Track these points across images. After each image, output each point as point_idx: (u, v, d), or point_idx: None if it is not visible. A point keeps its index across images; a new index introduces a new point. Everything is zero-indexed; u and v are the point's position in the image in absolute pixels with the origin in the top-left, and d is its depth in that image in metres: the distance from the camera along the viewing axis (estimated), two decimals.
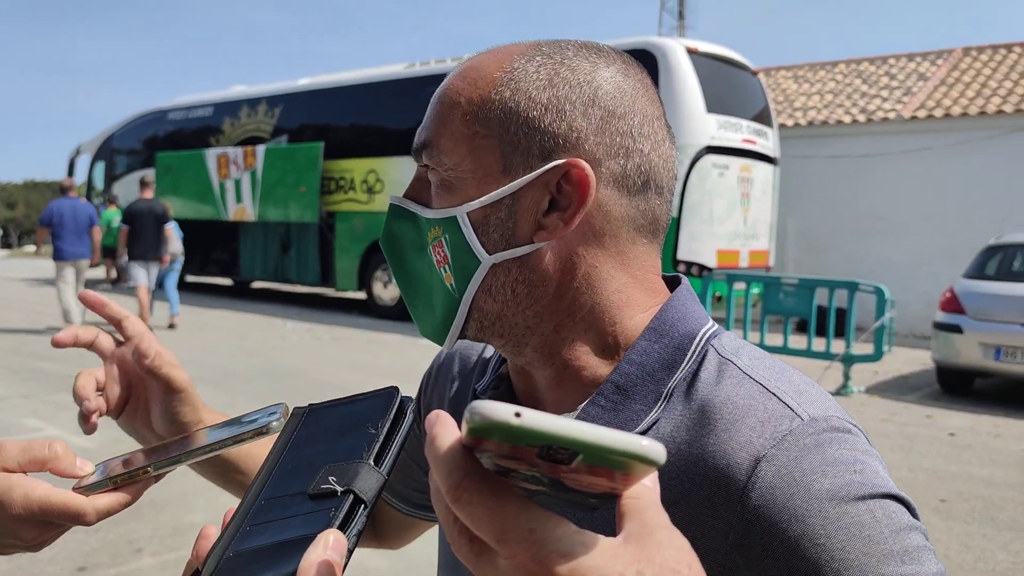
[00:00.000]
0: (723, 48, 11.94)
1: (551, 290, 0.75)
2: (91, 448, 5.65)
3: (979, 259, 9.27)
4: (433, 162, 0.76)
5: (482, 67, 0.75)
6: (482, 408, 0.37)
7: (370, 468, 0.54)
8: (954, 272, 11.28)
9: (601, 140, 0.73)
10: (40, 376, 8.19)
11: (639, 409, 0.73)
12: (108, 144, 19.37)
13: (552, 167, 0.71)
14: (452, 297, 0.77)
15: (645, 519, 0.42)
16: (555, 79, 0.73)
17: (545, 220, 0.73)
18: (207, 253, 17.11)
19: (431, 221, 0.77)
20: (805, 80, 18.26)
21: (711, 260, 11.19)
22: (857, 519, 0.62)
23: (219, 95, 17.13)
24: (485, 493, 0.41)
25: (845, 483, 0.64)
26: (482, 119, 0.73)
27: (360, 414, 0.59)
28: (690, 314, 0.78)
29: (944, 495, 5.38)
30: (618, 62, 0.77)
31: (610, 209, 0.74)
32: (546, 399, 0.80)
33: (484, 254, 0.74)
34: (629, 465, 0.40)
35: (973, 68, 16.31)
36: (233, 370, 8.72)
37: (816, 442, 0.66)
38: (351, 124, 14.42)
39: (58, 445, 0.70)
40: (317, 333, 11.85)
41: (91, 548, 4.10)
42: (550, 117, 0.72)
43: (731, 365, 0.73)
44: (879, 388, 9.20)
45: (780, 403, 0.69)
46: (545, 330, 0.76)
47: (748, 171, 11.71)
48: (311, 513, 0.53)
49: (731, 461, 0.66)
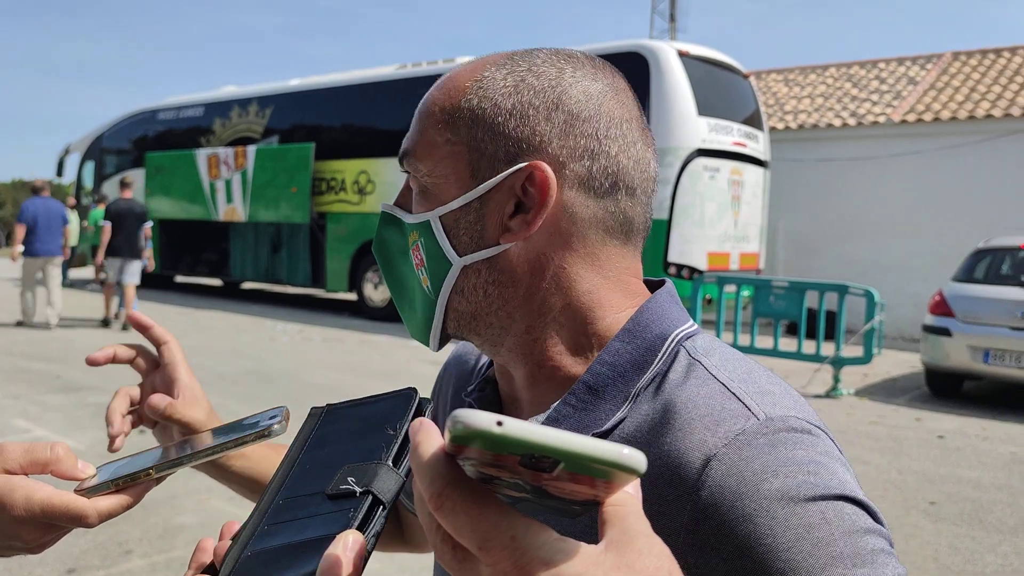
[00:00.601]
0: (714, 51, 11.98)
1: (521, 291, 0.76)
2: (80, 449, 5.62)
3: (968, 262, 9.32)
4: (412, 169, 0.79)
5: (456, 78, 0.79)
6: (464, 417, 0.38)
7: (388, 469, 0.54)
8: (943, 275, 11.34)
9: (565, 143, 0.74)
10: (29, 376, 8.15)
11: (608, 408, 0.74)
12: (98, 144, 19.29)
13: (515, 170, 0.74)
14: (429, 299, 0.80)
15: (626, 526, 0.42)
16: (520, 85, 0.75)
17: (510, 222, 0.75)
18: (197, 253, 17.06)
19: (410, 226, 0.80)
20: (796, 83, 18.32)
21: (702, 262, 11.21)
22: (806, 520, 0.61)
23: (210, 95, 17.08)
24: (467, 501, 0.41)
25: (796, 484, 0.63)
26: (452, 126, 0.76)
27: (378, 415, 0.59)
28: (666, 316, 0.79)
29: (933, 497, 5.41)
30: (587, 67, 0.78)
31: (576, 211, 0.75)
32: (524, 399, 0.82)
33: (455, 256, 0.77)
34: (610, 473, 0.40)
35: (962, 72, 16.40)
36: (223, 372, 8.69)
37: (770, 442, 0.66)
38: (342, 125, 14.41)
39: (60, 447, 0.70)
40: (308, 334, 11.82)
41: (80, 550, 4.08)
42: (514, 122, 0.74)
43: (699, 366, 0.74)
44: (868, 391, 9.23)
45: (739, 403, 0.69)
46: (517, 330, 0.78)
47: (739, 174, 11.75)
48: (330, 513, 0.53)
49: (684, 460, 0.67)
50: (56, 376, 8.19)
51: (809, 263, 15.35)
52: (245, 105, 15.91)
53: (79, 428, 6.28)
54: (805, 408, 0.71)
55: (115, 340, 11.20)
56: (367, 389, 5.94)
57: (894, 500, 5.32)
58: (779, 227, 15.36)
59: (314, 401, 1.03)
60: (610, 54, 11.53)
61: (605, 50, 11.65)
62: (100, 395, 7.40)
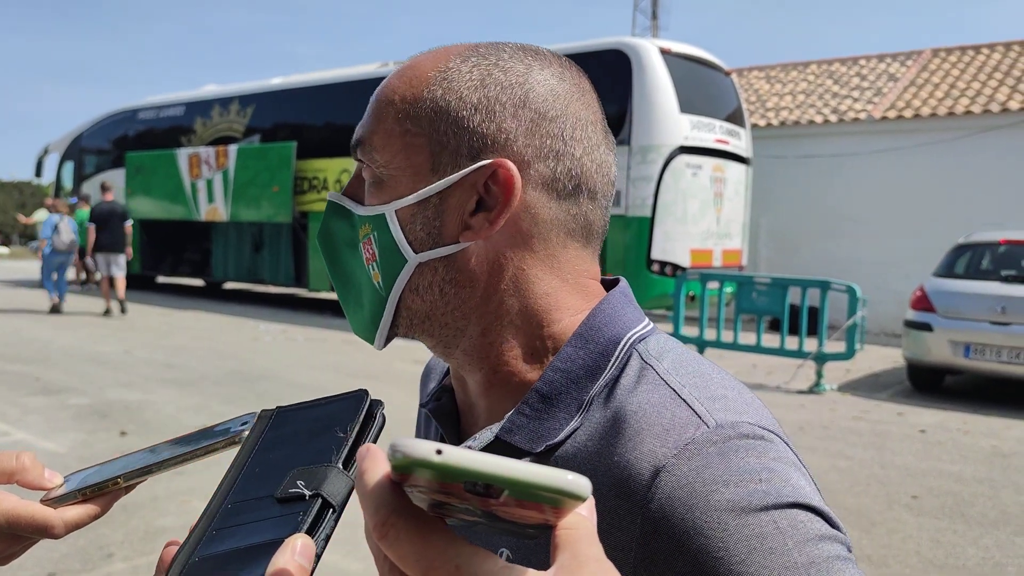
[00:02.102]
0: (696, 49, 12.00)
1: (479, 291, 0.74)
2: (61, 452, 5.57)
3: (948, 258, 9.38)
4: (367, 159, 0.76)
5: (418, 66, 0.76)
6: (403, 446, 0.37)
7: (339, 472, 0.53)
8: (924, 271, 11.42)
9: (530, 142, 0.72)
10: (8, 378, 8.07)
11: (562, 417, 0.72)
12: (77, 144, 19.14)
13: (479, 167, 0.71)
14: (379, 295, 0.77)
15: (577, 551, 0.41)
16: (487, 80, 0.73)
17: (471, 220, 0.72)
18: (179, 254, 16.97)
19: (362, 218, 0.77)
20: (777, 80, 18.40)
21: (685, 260, 11.24)
22: (758, 531, 0.60)
23: (191, 95, 16.98)
24: (411, 530, 0.40)
25: (747, 493, 0.61)
26: (413, 117, 0.74)
27: (329, 417, 0.58)
28: (620, 317, 0.77)
29: (915, 491, 5.44)
30: (554, 65, 0.76)
31: (538, 211, 0.73)
32: (479, 406, 0.80)
33: (411, 252, 0.74)
34: (557, 499, 0.39)
35: (942, 69, 16.51)
36: (205, 372, 8.63)
37: (720, 451, 0.64)
38: (324, 123, 14.35)
39: (26, 456, 0.68)
40: (291, 334, 11.77)
41: (61, 554, 4.04)
42: (479, 117, 0.72)
43: (650, 370, 0.72)
44: (851, 386, 9.28)
45: (688, 410, 0.67)
46: (473, 332, 0.76)
47: (721, 171, 11.78)
48: (279, 517, 0.52)
49: (633, 472, 0.65)
50: (36, 378, 8.11)
51: (791, 259, 15.42)
52: (226, 104, 15.82)
53: (60, 430, 6.22)
54: (759, 412, 0.70)
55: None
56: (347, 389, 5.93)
57: (876, 495, 5.35)
58: (761, 224, 15.42)
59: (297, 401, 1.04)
60: (592, 52, 11.54)
61: (587, 48, 11.65)
62: (81, 397, 7.34)
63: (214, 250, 16.17)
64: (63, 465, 4.96)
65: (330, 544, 0.51)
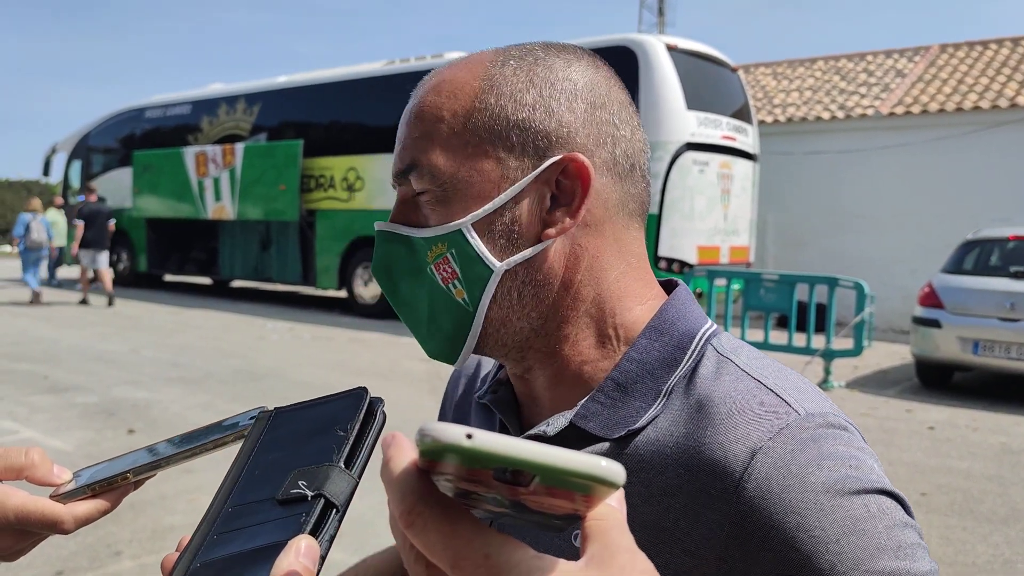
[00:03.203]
0: (703, 45, 11.97)
1: (556, 287, 0.75)
2: (69, 450, 5.58)
3: (957, 254, 9.35)
4: (424, 181, 0.75)
5: (456, 79, 0.76)
6: (432, 430, 0.36)
7: (340, 471, 0.52)
8: (932, 267, 11.37)
9: (590, 131, 0.74)
10: (15, 377, 8.09)
11: (639, 406, 0.74)
12: (84, 143, 19.17)
13: (550, 164, 0.73)
14: (465, 311, 0.76)
15: (608, 542, 0.41)
16: (535, 79, 0.75)
17: (550, 217, 0.74)
18: (186, 252, 17.00)
19: (431, 240, 0.76)
20: (784, 77, 18.35)
21: (692, 256, 11.22)
22: (852, 512, 0.63)
23: (197, 93, 16.98)
24: (439, 518, 0.39)
25: (841, 477, 0.64)
26: (471, 128, 0.74)
27: (328, 416, 0.57)
28: (690, 313, 0.79)
29: (924, 488, 5.42)
30: (586, 57, 0.79)
31: (607, 196, 0.75)
32: (544, 398, 0.81)
33: (495, 262, 0.74)
34: (589, 487, 0.38)
35: (950, 65, 16.44)
36: (212, 370, 8.65)
37: (813, 436, 0.67)
38: (331, 122, 14.35)
39: (35, 452, 0.68)
40: (298, 332, 11.79)
41: (69, 552, 4.05)
42: (539, 115, 0.73)
43: (729, 363, 0.74)
44: (859, 383, 9.26)
45: (778, 399, 0.70)
46: (549, 328, 0.77)
47: (728, 167, 11.75)
48: (281, 519, 0.51)
49: (728, 453, 0.67)
50: (43, 376, 8.13)
51: (798, 256, 15.38)
52: (233, 103, 15.83)
53: (67, 429, 6.23)
54: (835, 405, 0.73)
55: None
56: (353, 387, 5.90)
57: None
58: (769, 220, 15.38)
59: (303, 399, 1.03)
60: (598, 48, 11.51)
61: (593, 44, 11.63)
62: (88, 395, 7.36)
63: (221, 248, 16.19)
64: (71, 463, 4.96)
65: (337, 542, 0.51)
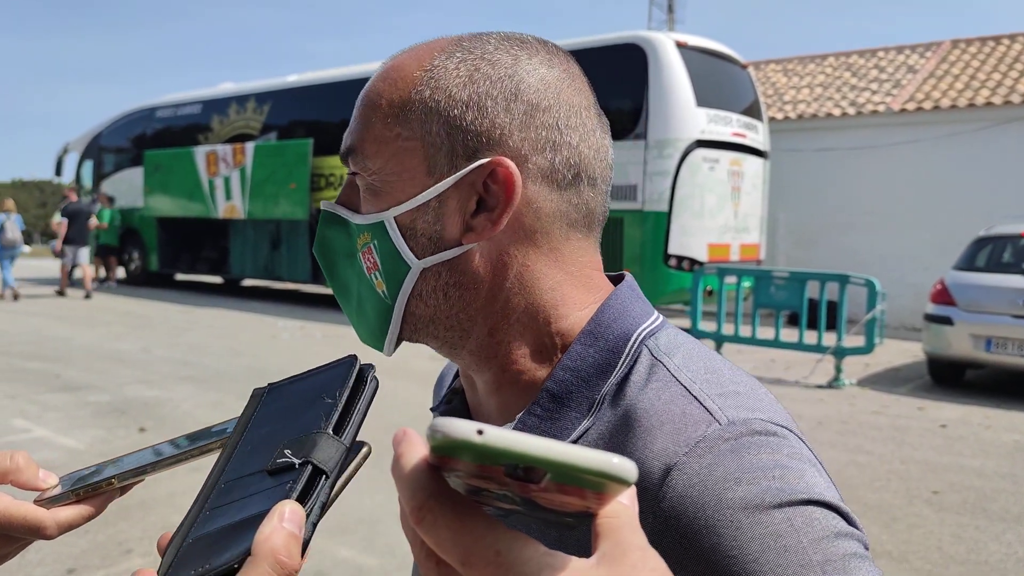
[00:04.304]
0: (712, 42, 11.94)
1: (483, 292, 0.72)
2: (81, 449, 5.61)
3: (969, 251, 9.29)
4: (359, 167, 0.74)
5: (402, 67, 0.74)
6: (443, 426, 0.36)
7: (329, 438, 0.52)
8: (944, 264, 11.32)
9: (526, 135, 0.70)
10: (27, 376, 8.14)
11: (574, 417, 0.71)
12: (96, 142, 19.28)
13: (476, 166, 0.69)
14: (385, 304, 0.75)
15: (619, 539, 0.40)
16: (475, 75, 0.71)
17: (473, 221, 0.70)
18: (197, 251, 17.06)
19: (360, 227, 0.75)
20: (795, 73, 18.28)
21: (702, 254, 11.20)
22: (772, 528, 0.58)
23: (208, 92, 17.06)
24: (449, 514, 0.39)
25: (761, 490, 0.60)
26: (403, 120, 0.71)
27: (319, 386, 0.57)
28: (628, 312, 0.75)
29: (936, 487, 5.39)
30: (542, 53, 0.74)
31: (540, 205, 0.71)
32: (489, 406, 0.78)
33: (413, 259, 0.72)
34: (601, 484, 0.38)
35: (962, 60, 16.35)
36: (223, 370, 8.68)
37: (732, 448, 0.63)
38: (340, 120, 14.37)
39: (20, 456, 0.67)
40: (308, 331, 11.81)
41: (80, 550, 4.07)
42: (472, 115, 0.70)
43: (661, 367, 0.71)
44: (870, 380, 9.21)
45: (700, 407, 0.66)
46: (480, 333, 0.74)
47: (738, 165, 11.72)
48: (269, 489, 0.51)
49: (644, 470, 0.64)
50: (55, 375, 8.18)
51: (809, 253, 15.32)
52: (243, 102, 15.89)
53: (79, 427, 6.26)
54: (771, 408, 0.68)
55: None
56: None
57: (897, 490, 5.31)
58: (779, 218, 15.34)
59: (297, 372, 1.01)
60: (608, 46, 11.50)
61: (603, 42, 11.61)
62: (100, 394, 7.39)
63: (232, 247, 16.25)
64: (83, 461, 4.99)
65: (346, 539, 0.50)
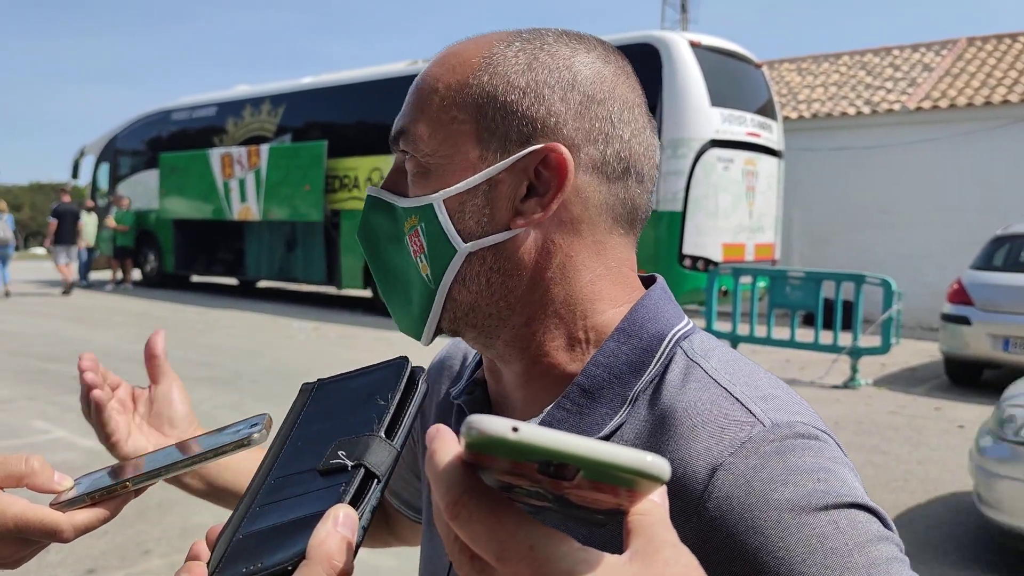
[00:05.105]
0: (726, 41, 11.90)
1: (525, 279, 0.73)
2: (99, 450, 5.64)
3: (986, 250, 9.23)
4: (410, 149, 0.74)
5: (461, 53, 0.74)
6: (479, 423, 0.36)
7: (381, 441, 0.53)
8: (961, 263, 11.24)
9: (580, 125, 0.71)
10: (46, 377, 8.20)
11: (604, 413, 0.71)
12: (112, 145, 19.40)
13: (530, 152, 0.70)
14: (428, 288, 0.75)
15: (652, 536, 0.41)
16: (534, 64, 0.72)
17: (522, 206, 0.71)
18: (212, 253, 17.14)
19: (407, 210, 0.75)
20: (809, 72, 18.20)
21: (717, 254, 11.16)
22: (818, 530, 0.59)
23: (222, 95, 17.13)
24: (483, 509, 0.39)
25: (806, 492, 0.60)
26: (460, 104, 0.72)
27: (370, 386, 0.57)
28: (662, 314, 0.75)
29: (954, 487, 5.36)
30: (598, 48, 0.75)
31: (589, 195, 0.72)
32: (516, 398, 0.78)
33: (460, 242, 0.72)
34: (634, 481, 0.38)
35: (978, 58, 16.24)
36: (240, 370, 8.72)
37: (777, 449, 0.63)
38: (355, 122, 14.41)
39: (35, 460, 0.68)
40: (323, 332, 11.85)
41: (100, 551, 4.11)
42: (528, 101, 0.71)
43: (698, 368, 0.71)
44: (887, 380, 9.17)
45: (743, 408, 0.66)
46: (517, 322, 0.74)
47: (753, 164, 11.68)
48: (322, 490, 0.51)
49: (688, 470, 0.64)
50: (73, 376, 8.18)
51: (824, 253, 15.25)
52: (258, 104, 15.95)
53: None
54: (810, 413, 0.69)
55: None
56: None
57: (915, 490, 5.28)
58: (794, 217, 15.27)
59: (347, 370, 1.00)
60: (621, 46, 11.40)
61: (616, 41, 11.56)
62: None
63: (247, 249, 16.31)
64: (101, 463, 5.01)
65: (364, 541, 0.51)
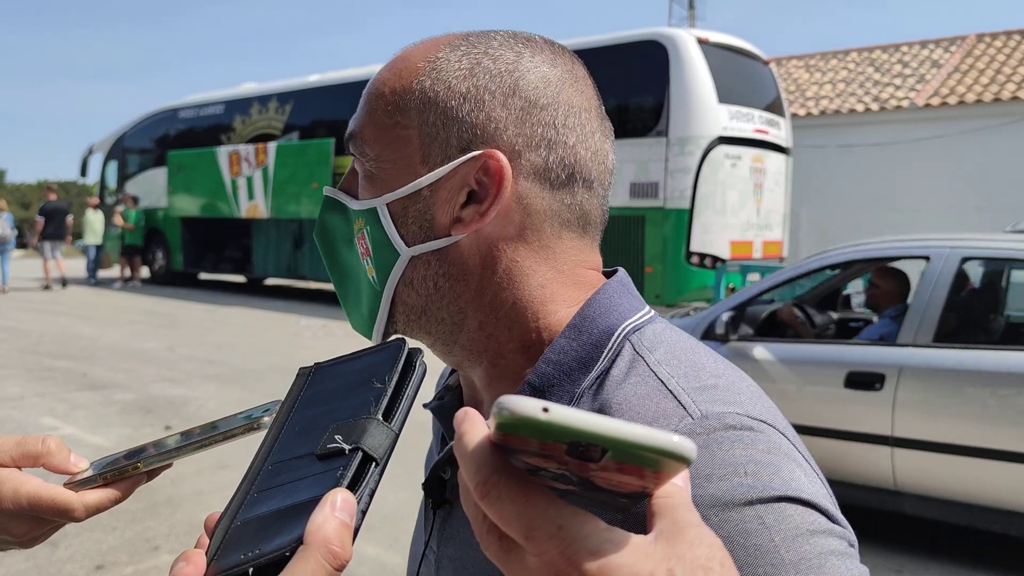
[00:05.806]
0: (734, 38, 11.88)
1: (473, 284, 0.73)
2: (108, 446, 5.67)
3: None
4: (358, 152, 0.75)
5: (408, 57, 0.75)
6: (509, 403, 0.37)
7: (379, 424, 0.52)
8: None
9: (521, 131, 0.70)
10: (55, 374, 8.24)
11: None
12: (120, 143, 19.47)
13: (469, 158, 0.70)
14: (374, 290, 0.76)
15: (676, 517, 0.42)
16: (476, 69, 0.71)
17: (462, 213, 0.71)
18: (220, 250, 17.19)
19: (356, 212, 0.76)
20: (817, 69, 18.16)
21: (724, 251, 11.14)
22: (741, 527, 0.57)
23: (230, 93, 17.18)
24: (513, 489, 0.40)
25: (730, 487, 0.58)
26: (402, 109, 0.72)
27: (367, 369, 0.57)
28: (615, 307, 0.74)
29: None
30: (546, 52, 0.74)
31: (531, 202, 0.71)
32: (485, 400, 0.78)
33: (403, 246, 0.73)
34: (659, 462, 0.39)
35: (987, 54, 16.18)
36: (247, 368, 8.74)
37: (704, 443, 0.61)
38: None
39: (52, 440, 0.69)
40: (331, 329, 11.88)
41: (109, 547, 4.12)
42: (468, 107, 0.70)
43: (641, 361, 0.69)
44: None
45: (674, 401, 0.65)
46: (471, 326, 0.74)
47: (760, 161, 11.66)
48: (320, 474, 0.51)
49: None
50: (82, 374, 8.27)
51: None
52: (265, 102, 15.99)
53: (106, 425, 6.34)
54: (752, 402, 0.66)
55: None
56: None
57: None
58: (802, 214, 15.25)
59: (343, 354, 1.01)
60: (629, 43, 11.47)
61: (624, 39, 11.59)
62: (126, 392, 7.47)
63: (255, 246, 16.36)
64: None
65: (371, 536, 0.51)
